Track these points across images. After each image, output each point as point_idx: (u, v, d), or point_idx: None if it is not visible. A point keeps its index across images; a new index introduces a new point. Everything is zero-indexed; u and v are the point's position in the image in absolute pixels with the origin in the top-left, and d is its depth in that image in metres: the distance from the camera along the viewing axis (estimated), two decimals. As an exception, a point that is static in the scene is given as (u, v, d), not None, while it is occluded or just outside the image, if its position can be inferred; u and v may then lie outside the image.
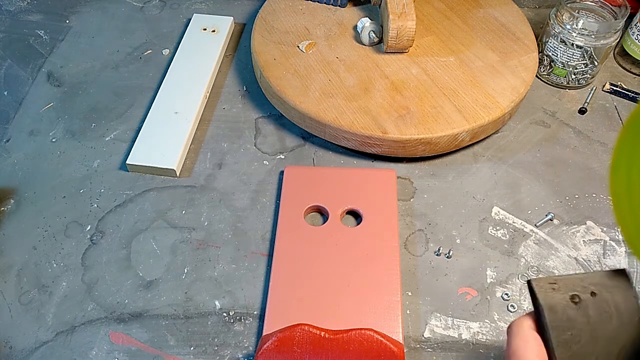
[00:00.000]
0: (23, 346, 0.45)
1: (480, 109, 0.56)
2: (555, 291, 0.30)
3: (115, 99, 0.64)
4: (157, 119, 0.59)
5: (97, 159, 0.58)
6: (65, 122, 0.62)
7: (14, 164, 0.58)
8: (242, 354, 0.45)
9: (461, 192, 0.55)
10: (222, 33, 0.69)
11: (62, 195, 0.55)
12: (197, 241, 0.52)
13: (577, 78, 0.63)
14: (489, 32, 0.64)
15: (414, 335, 0.46)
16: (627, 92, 0.64)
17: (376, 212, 0.51)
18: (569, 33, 0.60)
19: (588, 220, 0.53)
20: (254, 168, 0.57)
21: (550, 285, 0.30)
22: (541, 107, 0.63)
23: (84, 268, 0.50)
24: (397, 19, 0.58)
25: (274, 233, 0.52)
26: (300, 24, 0.65)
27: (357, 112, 0.56)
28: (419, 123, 0.55)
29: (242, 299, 0.48)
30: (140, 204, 0.54)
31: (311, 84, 0.58)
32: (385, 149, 0.56)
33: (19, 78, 0.66)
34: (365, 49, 0.62)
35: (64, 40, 0.71)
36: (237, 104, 0.63)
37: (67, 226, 0.53)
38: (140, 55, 0.69)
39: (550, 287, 0.30)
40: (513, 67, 0.60)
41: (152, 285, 0.49)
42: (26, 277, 0.49)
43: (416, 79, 0.59)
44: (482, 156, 0.58)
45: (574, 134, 0.60)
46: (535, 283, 0.30)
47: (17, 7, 0.76)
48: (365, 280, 0.47)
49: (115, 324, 0.46)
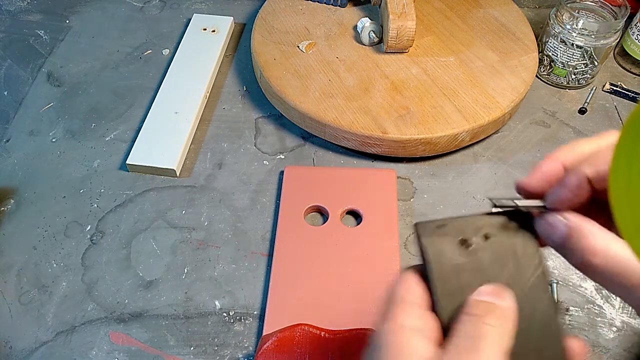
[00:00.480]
0: (23, 346, 0.45)
1: (480, 109, 0.56)
2: (442, 235, 0.26)
3: (115, 99, 0.64)
4: (157, 119, 0.59)
5: (97, 159, 0.58)
6: (65, 122, 0.62)
7: (14, 164, 0.58)
8: (242, 354, 0.45)
9: (461, 192, 0.55)
10: (222, 33, 0.69)
11: (62, 195, 0.55)
12: (197, 241, 0.52)
13: (577, 78, 0.63)
14: (489, 32, 0.64)
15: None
16: (627, 92, 0.64)
17: (376, 212, 0.51)
18: (569, 33, 0.60)
19: (588, 220, 0.53)
20: (254, 168, 0.57)
21: (438, 228, 0.26)
22: (541, 107, 0.63)
23: (84, 268, 0.50)
24: (397, 19, 0.58)
25: (274, 233, 0.52)
26: (300, 24, 0.65)
27: (357, 112, 0.56)
28: (419, 123, 0.55)
29: (242, 299, 0.48)
30: (140, 204, 0.54)
31: (311, 84, 0.58)
32: (385, 149, 0.56)
33: (19, 78, 0.66)
34: (365, 49, 0.62)
35: (64, 40, 0.71)
36: (237, 104, 0.63)
37: (67, 226, 0.53)
38: (140, 55, 0.69)
39: (437, 230, 0.26)
40: (513, 67, 0.60)
41: (152, 285, 0.49)
42: (26, 277, 0.49)
43: (416, 79, 0.59)
44: (482, 156, 0.58)
45: (574, 134, 0.60)
46: (421, 226, 0.27)
47: (17, 7, 0.76)
48: (365, 280, 0.47)
49: (115, 324, 0.46)
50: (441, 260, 0.26)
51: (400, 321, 0.24)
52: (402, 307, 0.25)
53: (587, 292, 0.48)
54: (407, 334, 0.24)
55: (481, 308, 0.24)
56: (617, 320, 0.47)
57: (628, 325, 0.46)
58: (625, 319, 0.47)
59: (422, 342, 0.24)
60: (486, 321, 0.23)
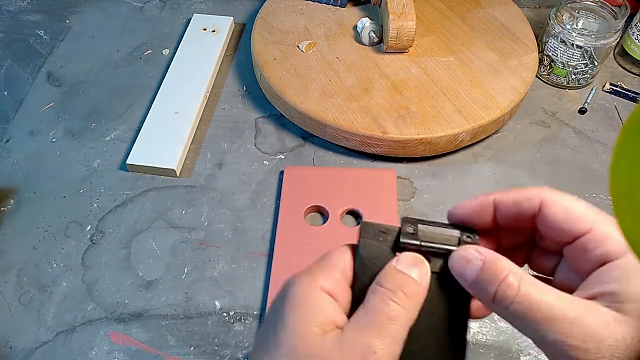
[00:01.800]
0: (23, 346, 0.45)
1: (480, 109, 0.56)
2: (381, 242, 0.26)
3: (115, 99, 0.64)
4: (157, 119, 0.59)
5: (97, 159, 0.58)
6: (65, 122, 0.62)
7: (14, 164, 0.58)
8: (242, 354, 0.45)
9: (461, 192, 0.55)
10: (222, 33, 0.69)
11: (62, 195, 0.55)
12: (197, 241, 0.51)
13: (577, 78, 0.63)
14: (489, 32, 0.64)
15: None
16: (627, 92, 0.64)
17: (376, 212, 0.51)
18: (569, 33, 0.60)
19: (588, 220, 0.53)
20: (254, 168, 0.57)
21: (380, 233, 0.26)
22: (541, 107, 0.63)
23: (84, 268, 0.50)
24: (397, 19, 0.58)
25: (274, 233, 0.52)
26: (300, 24, 0.65)
27: (357, 112, 0.56)
28: (419, 123, 0.55)
29: (242, 299, 0.48)
30: (140, 204, 0.54)
31: (311, 84, 0.58)
32: (385, 149, 0.56)
33: (19, 78, 0.66)
34: (365, 49, 0.62)
35: (64, 40, 0.71)
36: (237, 104, 0.63)
37: (67, 226, 0.53)
38: (140, 55, 0.69)
39: (378, 234, 0.26)
40: (513, 67, 0.60)
41: (152, 285, 0.49)
42: (26, 277, 0.49)
43: (416, 79, 0.59)
44: (482, 156, 0.58)
45: (574, 134, 0.60)
46: (365, 226, 0.26)
47: (17, 7, 0.76)
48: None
49: (115, 324, 0.46)
50: (371, 260, 0.26)
51: (319, 280, 0.24)
52: (325, 270, 0.25)
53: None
54: (320, 293, 0.24)
55: (395, 281, 0.24)
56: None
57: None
58: (625, 319, 0.47)
59: (330, 304, 0.24)
60: (395, 299, 0.23)
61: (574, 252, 0.24)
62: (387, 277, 0.24)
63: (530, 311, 0.21)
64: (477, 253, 0.24)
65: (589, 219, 0.24)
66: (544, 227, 0.25)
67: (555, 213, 0.24)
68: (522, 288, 0.22)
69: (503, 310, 0.22)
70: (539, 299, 0.21)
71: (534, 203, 0.25)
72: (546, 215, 0.25)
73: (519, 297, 0.22)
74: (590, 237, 0.23)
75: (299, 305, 0.24)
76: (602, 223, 0.23)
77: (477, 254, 0.24)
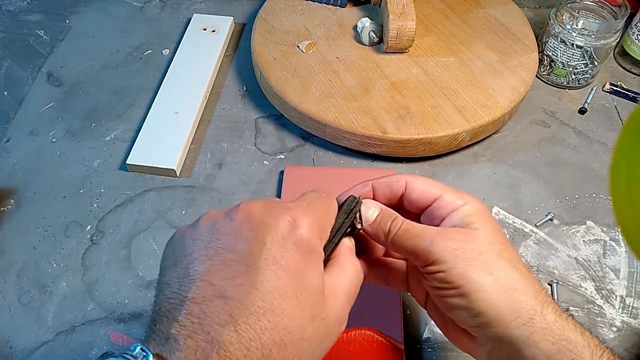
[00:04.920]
0: (23, 346, 0.45)
1: (480, 109, 0.56)
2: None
3: (115, 99, 0.64)
4: (157, 119, 0.59)
5: (97, 159, 0.58)
6: (65, 122, 0.62)
7: (14, 164, 0.58)
8: (242, 354, 0.45)
9: (461, 192, 0.55)
10: (222, 33, 0.69)
11: (62, 195, 0.55)
12: (197, 241, 0.51)
13: (577, 78, 0.63)
14: (489, 32, 0.64)
15: (414, 335, 0.46)
16: (627, 92, 0.64)
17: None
18: (569, 33, 0.60)
19: (588, 220, 0.53)
20: (254, 168, 0.57)
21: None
22: (541, 107, 0.63)
23: (84, 268, 0.50)
24: (397, 19, 0.58)
25: (274, 233, 0.52)
26: (300, 24, 0.65)
27: (357, 112, 0.56)
28: (419, 123, 0.55)
29: (242, 299, 0.48)
30: (140, 204, 0.54)
31: (311, 84, 0.58)
32: (385, 149, 0.56)
33: (19, 78, 0.66)
34: (365, 49, 0.62)
35: (64, 40, 0.71)
36: (237, 104, 0.63)
37: (67, 226, 0.53)
38: (140, 55, 0.69)
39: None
40: (513, 67, 0.60)
41: (152, 285, 0.49)
42: (26, 277, 0.49)
43: (416, 79, 0.59)
44: (482, 156, 0.58)
45: (574, 134, 0.60)
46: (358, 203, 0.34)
47: (17, 7, 0.76)
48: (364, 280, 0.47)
49: (115, 324, 0.46)
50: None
51: (297, 215, 0.28)
52: (308, 209, 0.29)
53: (587, 292, 0.48)
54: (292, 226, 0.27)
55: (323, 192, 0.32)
56: (617, 320, 0.47)
57: (628, 325, 0.46)
58: (625, 319, 0.47)
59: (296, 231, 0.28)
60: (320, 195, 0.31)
61: (431, 211, 0.34)
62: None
63: (410, 235, 0.32)
64: (377, 205, 0.34)
65: (439, 189, 0.33)
66: (409, 199, 0.34)
67: (418, 187, 0.34)
68: (404, 223, 0.32)
69: (392, 239, 0.32)
70: (414, 227, 0.32)
71: (402, 184, 0.34)
72: (411, 189, 0.34)
73: (404, 226, 0.32)
74: (440, 200, 0.33)
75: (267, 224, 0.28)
76: (448, 191, 0.33)
77: (377, 205, 0.34)
